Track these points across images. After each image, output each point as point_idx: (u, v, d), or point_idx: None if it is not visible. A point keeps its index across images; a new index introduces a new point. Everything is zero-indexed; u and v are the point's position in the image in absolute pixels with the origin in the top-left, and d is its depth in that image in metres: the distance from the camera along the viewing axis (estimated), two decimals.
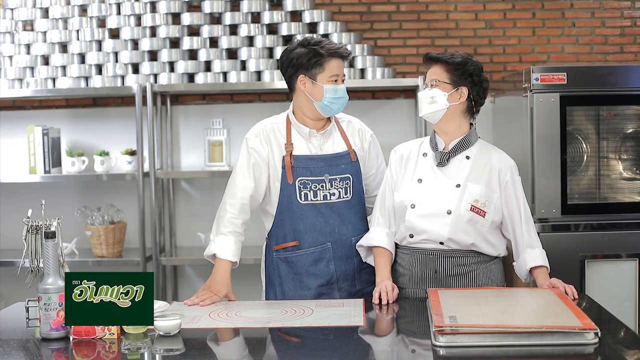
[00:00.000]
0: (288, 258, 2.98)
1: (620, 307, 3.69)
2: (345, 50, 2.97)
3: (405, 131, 4.54)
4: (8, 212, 4.61)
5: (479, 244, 2.82)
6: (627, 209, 3.83)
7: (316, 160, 2.96)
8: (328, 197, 2.96)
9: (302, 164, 2.94)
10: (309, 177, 2.93)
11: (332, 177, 2.96)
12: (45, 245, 2.38)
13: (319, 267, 2.96)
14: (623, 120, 3.87)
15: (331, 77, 2.93)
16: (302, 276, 2.96)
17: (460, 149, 2.86)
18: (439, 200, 2.81)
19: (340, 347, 2.28)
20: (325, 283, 2.96)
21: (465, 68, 2.82)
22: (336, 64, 2.94)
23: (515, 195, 2.85)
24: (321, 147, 2.99)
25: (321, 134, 3.00)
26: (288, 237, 2.97)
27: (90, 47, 4.50)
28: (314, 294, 2.95)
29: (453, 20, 4.63)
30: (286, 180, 2.93)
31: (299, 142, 2.98)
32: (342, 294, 2.97)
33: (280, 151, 2.96)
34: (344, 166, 2.99)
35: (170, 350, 2.27)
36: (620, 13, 4.61)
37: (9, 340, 2.40)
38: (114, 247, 4.42)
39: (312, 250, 2.96)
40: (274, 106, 4.61)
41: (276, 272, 3.01)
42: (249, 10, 4.48)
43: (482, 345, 2.14)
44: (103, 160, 4.46)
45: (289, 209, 2.95)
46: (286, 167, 2.93)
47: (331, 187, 2.95)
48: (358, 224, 3.03)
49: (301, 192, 2.93)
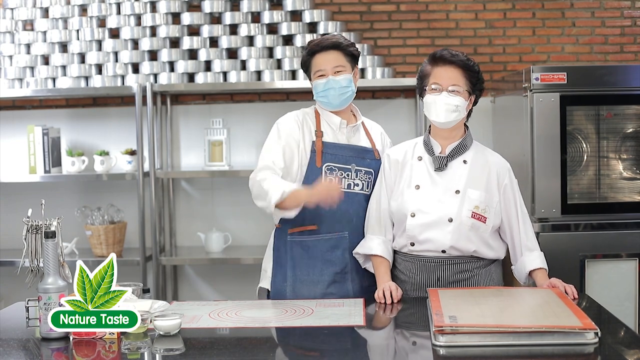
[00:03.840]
0: (304, 242, 2.98)
1: (620, 306, 3.69)
2: (328, 41, 2.97)
3: (405, 131, 4.54)
4: (8, 212, 4.61)
5: (480, 249, 2.81)
6: (627, 209, 3.82)
7: (345, 149, 3.00)
8: (352, 186, 2.98)
9: (331, 151, 2.98)
10: (336, 163, 2.96)
11: (359, 168, 2.99)
12: (45, 245, 2.38)
13: (335, 254, 2.97)
14: (623, 120, 3.87)
15: (316, 74, 2.98)
16: (318, 261, 2.96)
17: (457, 153, 2.84)
18: (439, 208, 2.79)
19: (340, 347, 2.28)
20: (340, 271, 2.98)
21: (479, 75, 2.82)
22: (320, 60, 2.97)
23: (513, 198, 2.85)
24: (349, 139, 3.03)
25: (350, 126, 3.04)
26: (307, 220, 2.96)
27: (90, 47, 4.50)
28: (327, 280, 2.96)
29: (453, 20, 4.63)
30: (314, 164, 2.95)
31: (328, 131, 3.02)
32: (354, 285, 2.98)
33: (310, 136, 2.99)
34: (369, 160, 3.02)
35: (170, 350, 2.27)
36: (620, 13, 4.61)
37: (9, 340, 2.40)
38: (114, 247, 4.41)
39: (329, 236, 2.97)
40: (274, 106, 4.61)
41: (289, 255, 3.00)
42: (249, 10, 4.48)
43: (482, 345, 2.14)
44: (103, 160, 4.45)
45: None
46: (316, 151, 2.96)
47: (356, 177, 2.99)
48: None
49: (327, 178, 2.94)
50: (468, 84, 2.79)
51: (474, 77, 2.80)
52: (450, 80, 2.77)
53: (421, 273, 2.83)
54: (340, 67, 2.97)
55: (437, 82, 2.79)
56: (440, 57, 2.80)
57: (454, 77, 2.77)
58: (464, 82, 2.78)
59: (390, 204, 2.88)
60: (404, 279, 2.88)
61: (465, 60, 2.79)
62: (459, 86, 2.77)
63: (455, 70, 2.78)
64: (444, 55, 2.80)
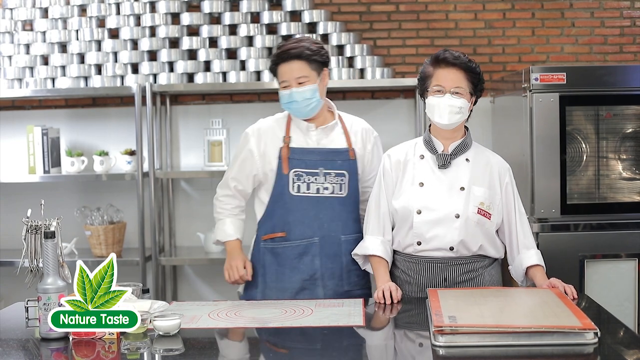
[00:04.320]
0: (274, 249, 2.99)
1: (620, 307, 3.69)
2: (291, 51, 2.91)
3: (404, 131, 4.54)
4: (7, 212, 4.61)
5: (486, 246, 2.82)
6: (626, 209, 3.82)
7: (312, 153, 2.97)
8: (321, 190, 2.96)
9: (298, 156, 2.96)
10: (303, 168, 2.95)
11: (327, 171, 2.96)
12: (45, 245, 2.38)
13: (303, 261, 2.96)
14: (622, 120, 3.87)
15: (281, 84, 2.96)
16: (286, 269, 2.97)
17: (460, 151, 2.85)
18: (445, 204, 2.79)
19: (340, 347, 2.28)
20: (308, 278, 2.96)
21: (480, 77, 2.82)
22: (284, 70, 2.93)
23: (513, 197, 2.87)
24: (319, 141, 3.00)
25: (321, 129, 3.01)
26: (277, 227, 2.99)
27: (89, 47, 4.49)
28: (296, 287, 2.96)
29: (452, 20, 4.63)
30: (281, 171, 2.95)
31: (297, 136, 3.00)
32: (327, 291, 2.96)
33: (278, 144, 2.99)
34: (341, 162, 2.99)
35: (169, 350, 2.27)
36: (619, 13, 4.61)
37: (9, 340, 2.40)
38: (113, 247, 4.41)
39: (298, 243, 2.96)
40: (274, 106, 4.60)
41: (261, 262, 3.03)
42: (248, 10, 4.48)
43: (482, 345, 2.14)
44: (102, 160, 4.45)
45: (280, 199, 2.97)
46: (282, 158, 2.95)
47: (325, 181, 2.96)
48: (350, 223, 3.02)
49: (294, 184, 2.95)
50: (470, 85, 2.79)
51: (475, 79, 2.80)
52: (453, 82, 2.77)
53: (427, 274, 2.83)
54: (304, 78, 2.91)
55: (439, 84, 2.79)
56: (443, 59, 2.80)
57: (456, 79, 2.78)
58: (467, 83, 2.79)
59: (393, 203, 2.88)
60: (407, 280, 2.88)
61: (467, 62, 2.79)
62: (462, 88, 2.77)
63: (458, 72, 2.78)
64: (447, 57, 2.80)
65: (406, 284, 2.88)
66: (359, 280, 3.03)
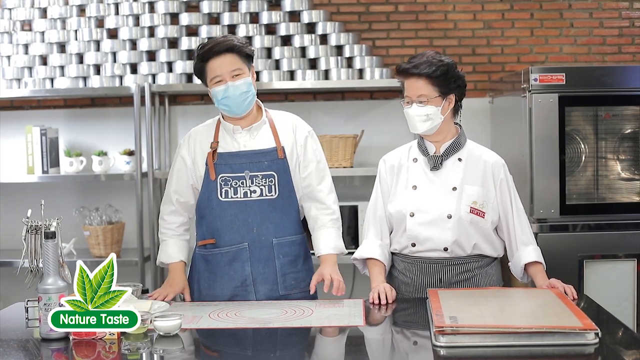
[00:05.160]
0: (206, 256, 2.95)
1: (619, 307, 3.70)
2: (222, 45, 2.84)
3: (403, 132, 4.50)
4: (6, 212, 4.60)
5: (482, 245, 2.82)
6: (625, 209, 3.83)
7: (238, 156, 2.90)
8: (249, 194, 2.88)
9: (224, 161, 2.90)
10: (229, 173, 2.89)
11: (253, 173, 2.88)
12: (45, 245, 2.37)
13: (234, 267, 2.90)
14: (621, 120, 3.88)
15: (213, 80, 2.86)
16: (217, 276, 2.92)
17: (451, 152, 2.84)
18: (437, 206, 2.80)
19: (341, 347, 2.28)
20: (240, 284, 2.90)
21: (448, 76, 2.77)
22: (216, 64, 2.83)
23: (509, 193, 2.86)
24: (245, 143, 2.92)
25: (246, 130, 2.93)
26: (207, 234, 2.95)
27: (88, 47, 4.49)
28: (228, 295, 2.90)
29: (451, 21, 4.64)
30: (209, 177, 2.90)
31: (225, 140, 2.94)
32: (259, 297, 2.89)
33: (207, 151, 2.94)
34: (268, 163, 2.90)
35: (170, 351, 2.26)
36: (618, 14, 4.62)
37: (9, 340, 2.40)
38: (112, 247, 4.41)
39: (227, 249, 2.91)
40: (272, 106, 4.54)
41: (195, 269, 3.01)
42: (247, 10, 4.48)
43: (483, 345, 2.14)
44: (101, 160, 4.45)
45: (208, 206, 2.91)
46: (209, 164, 2.90)
47: (252, 184, 2.88)
48: (284, 225, 2.92)
49: (222, 190, 2.89)
50: (436, 89, 2.76)
51: (441, 81, 2.76)
52: (417, 91, 2.76)
53: (423, 275, 2.84)
54: (238, 71, 2.85)
55: (406, 94, 2.80)
56: (403, 70, 2.79)
57: (419, 87, 2.76)
58: (430, 89, 2.75)
59: (388, 207, 2.89)
60: (405, 281, 2.88)
61: (426, 68, 2.74)
62: (425, 95, 2.75)
63: (418, 80, 2.76)
64: (406, 68, 2.78)
65: (404, 285, 2.88)
66: (297, 284, 2.94)
